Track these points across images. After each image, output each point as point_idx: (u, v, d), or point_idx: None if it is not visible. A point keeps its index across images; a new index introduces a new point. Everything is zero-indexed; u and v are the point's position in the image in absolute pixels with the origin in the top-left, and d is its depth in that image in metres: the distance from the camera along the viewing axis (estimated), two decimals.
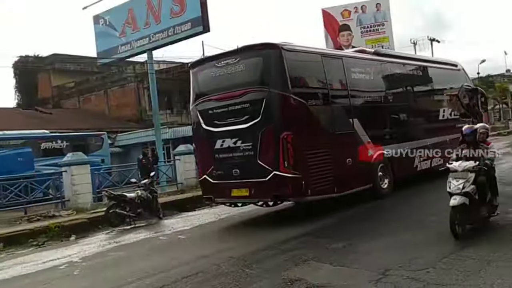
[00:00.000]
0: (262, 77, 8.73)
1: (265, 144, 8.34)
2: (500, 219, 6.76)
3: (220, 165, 9.03)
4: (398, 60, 12.69)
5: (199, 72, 9.90)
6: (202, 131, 9.48)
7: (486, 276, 4.66)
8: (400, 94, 12.08)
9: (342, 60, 10.27)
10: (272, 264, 6.00)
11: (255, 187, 8.53)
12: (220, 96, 9.07)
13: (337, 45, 35.83)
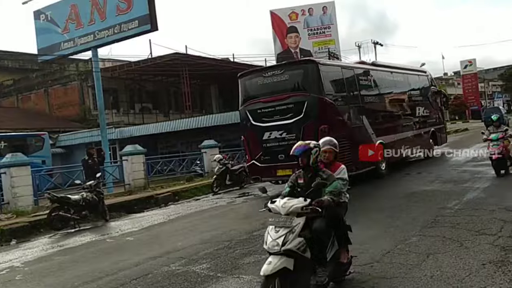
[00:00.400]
0: (303, 84, 11.41)
1: (307, 134, 10.19)
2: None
3: (267, 152, 11.55)
4: (388, 69, 15.48)
5: (247, 81, 12.53)
6: (250, 126, 12.02)
7: (427, 269, 4.92)
8: (391, 96, 14.90)
9: (354, 71, 13.18)
10: (224, 262, 6.03)
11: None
12: (268, 99, 11.62)
13: (285, 47, 36.45)
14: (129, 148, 15.90)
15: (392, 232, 6.63)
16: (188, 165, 19.38)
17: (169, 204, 13.19)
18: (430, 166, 14.60)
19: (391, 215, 7.84)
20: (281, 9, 37.43)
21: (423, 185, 10.93)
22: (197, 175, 18.24)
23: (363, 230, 6.98)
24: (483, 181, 10.47)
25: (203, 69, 30.52)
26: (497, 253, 5.15)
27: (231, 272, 5.61)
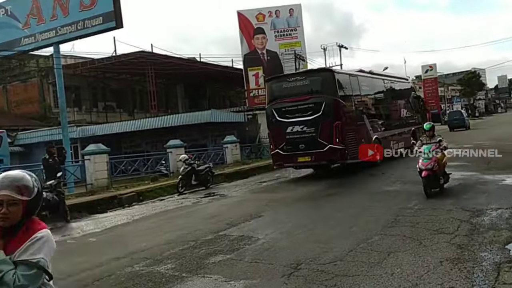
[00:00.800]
0: (321, 88, 13.85)
1: (324, 129, 13.17)
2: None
3: (290, 142, 13.81)
4: (381, 77, 18.72)
5: (273, 84, 15.31)
6: (275, 121, 14.33)
7: (387, 266, 5.06)
8: (382, 99, 17.75)
9: (357, 78, 15.74)
10: (189, 262, 6.00)
11: (315, 155, 13.44)
12: (291, 99, 14.02)
13: (252, 48, 36.47)
14: (91, 147, 15.56)
15: (355, 231, 6.78)
16: (153, 165, 19.14)
17: (133, 204, 12.99)
18: (393, 168, 14.98)
19: (355, 214, 8.01)
20: (248, 10, 37.47)
21: (385, 185, 11.22)
22: (162, 175, 18.05)
23: (328, 230, 7.15)
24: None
25: (169, 68, 30.23)
26: (454, 251, 5.36)
27: (196, 272, 5.59)
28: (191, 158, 15.36)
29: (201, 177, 15.00)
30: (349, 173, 13.97)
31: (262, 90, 34.65)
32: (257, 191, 13.41)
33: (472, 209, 7.46)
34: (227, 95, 38.37)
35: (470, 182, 10.43)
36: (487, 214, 7.10)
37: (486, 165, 12.85)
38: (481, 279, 4.45)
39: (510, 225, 6.31)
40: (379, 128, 16.15)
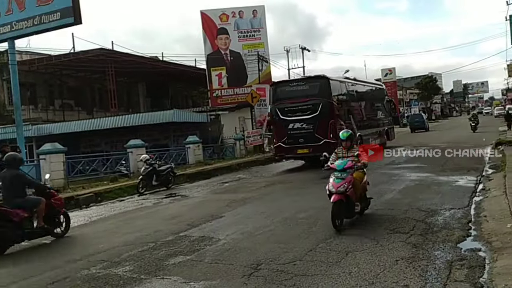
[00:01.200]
0: (319, 92, 16.36)
1: (320, 126, 15.83)
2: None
3: (290, 137, 16.42)
4: (362, 83, 22.23)
5: (278, 88, 17.71)
6: (278, 119, 16.89)
7: (345, 266, 5.16)
8: (364, 102, 20.81)
9: (346, 84, 18.92)
10: (148, 264, 5.91)
11: (313, 147, 15.70)
12: (293, 101, 16.58)
13: (215, 48, 36.36)
14: (47, 146, 15.02)
15: (314, 231, 6.87)
16: (113, 165, 18.71)
17: (91, 205, 12.66)
18: None
19: (315, 215, 8.10)
20: (211, 10, 37.32)
21: None
22: (122, 175, 17.66)
23: (288, 230, 7.20)
24: (399, 183, 11.16)
25: (130, 67, 29.68)
26: (409, 250, 5.52)
27: (155, 273, 5.51)
28: (152, 158, 15.13)
29: (162, 178, 14.79)
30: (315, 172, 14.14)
31: (225, 91, 34.69)
32: (219, 191, 13.37)
33: (427, 209, 7.72)
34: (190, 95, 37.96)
35: (426, 183, 10.78)
36: (441, 214, 7.36)
37: (440, 166, 13.34)
38: (434, 277, 4.61)
39: (462, 225, 6.57)
40: (360, 127, 18.69)
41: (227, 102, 33.57)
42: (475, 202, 8.20)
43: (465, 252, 5.35)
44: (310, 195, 10.52)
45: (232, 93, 34.34)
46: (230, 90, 34.78)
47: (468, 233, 6.15)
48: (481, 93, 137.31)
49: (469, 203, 8.08)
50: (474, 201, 8.25)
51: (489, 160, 14.26)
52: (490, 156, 15.12)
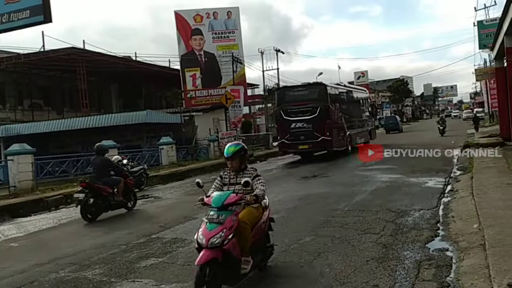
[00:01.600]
0: (317, 97, 19.11)
1: (318, 125, 18.55)
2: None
3: (293, 135, 19.15)
4: (351, 88, 25.58)
5: (282, 93, 20.93)
6: (282, 119, 19.71)
7: (317, 266, 5.20)
8: (352, 105, 23.47)
9: (338, 90, 21.64)
10: (118, 266, 5.82)
11: (312, 144, 18.85)
12: (295, 104, 19.36)
13: (189, 48, 36.17)
14: (15, 147, 14.59)
15: (287, 232, 6.89)
16: (83, 166, 18.33)
17: (60, 207, 12.39)
18: (325, 170, 15.50)
19: (287, 216, 8.15)
20: (186, 11, 37.12)
21: (317, 188, 11.54)
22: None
23: None
24: (370, 184, 11.32)
25: (102, 66, 29.20)
26: (379, 250, 5.61)
27: (126, 276, 5.44)
28: (125, 159, 14.91)
29: (135, 179, 14.57)
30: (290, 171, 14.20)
31: (199, 92, 34.52)
32: (192, 193, 13.23)
33: (397, 210, 7.86)
34: (164, 96, 37.63)
35: (396, 185, 10.97)
36: (410, 214, 7.51)
37: (411, 168, 13.61)
38: (403, 277, 4.70)
39: (430, 225, 6.72)
40: (350, 127, 21.70)
41: (201, 103, 33.45)
42: (444, 203, 8.39)
43: (433, 252, 5.46)
44: (283, 195, 10.56)
45: (207, 94, 34.24)
46: (204, 91, 34.67)
47: (436, 233, 6.29)
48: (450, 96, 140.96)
49: (438, 204, 8.26)
50: (443, 202, 8.44)
51: (457, 162, 14.64)
52: (458, 158, 15.54)
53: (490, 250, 4.83)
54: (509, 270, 4.16)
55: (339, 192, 10.45)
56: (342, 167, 16.34)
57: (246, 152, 5.12)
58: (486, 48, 31.10)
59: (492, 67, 28.17)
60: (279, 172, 16.47)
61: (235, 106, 29.85)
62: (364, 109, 26.02)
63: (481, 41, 32.98)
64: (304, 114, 19.04)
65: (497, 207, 6.72)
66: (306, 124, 18.93)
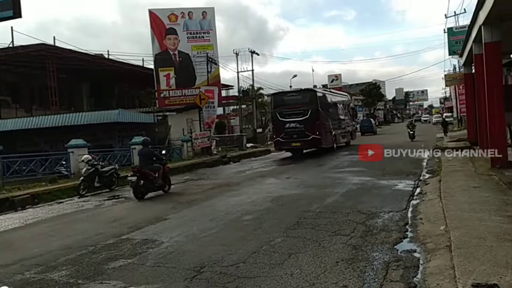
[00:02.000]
0: (308, 101, 21.75)
1: (309, 126, 21.01)
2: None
3: (287, 134, 21.67)
4: (336, 93, 29.51)
5: (277, 97, 23.75)
6: (277, 120, 22.39)
7: (288, 267, 5.22)
8: (336, 108, 26.49)
9: (325, 94, 24.97)
10: (86, 268, 5.70)
11: (304, 142, 21.28)
12: (289, 107, 22.08)
13: (163, 48, 35.80)
14: None
15: (259, 233, 6.91)
16: (52, 166, 17.90)
17: (27, 207, 12.06)
18: (297, 172, 15.61)
19: (259, 217, 8.17)
20: (160, 9, 36.72)
21: (290, 189, 11.60)
22: (62, 176, 16.95)
23: (233, 232, 7.20)
24: (342, 186, 11.45)
25: (73, 64, 28.57)
26: (349, 252, 5.67)
27: (93, 278, 5.33)
28: (95, 159, 14.65)
29: (105, 179, 14.36)
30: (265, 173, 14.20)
31: (173, 92, 34.22)
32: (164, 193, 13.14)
33: (367, 212, 7.97)
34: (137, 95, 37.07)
35: (367, 187, 11.13)
36: (380, 216, 7.62)
37: (381, 171, 13.84)
38: (372, 278, 4.76)
39: (399, 227, 6.84)
40: (335, 128, 24.60)
41: (175, 103, 33.15)
42: (412, 205, 8.54)
43: (401, 253, 5.56)
44: (256, 196, 10.58)
45: (180, 94, 33.97)
46: (178, 91, 34.38)
47: (405, 235, 6.40)
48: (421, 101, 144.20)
49: (407, 206, 8.41)
50: (412, 204, 8.59)
51: (427, 165, 14.98)
52: (427, 162, 15.90)
53: (455, 251, 4.95)
54: (474, 271, 4.27)
55: (311, 194, 10.54)
56: (315, 169, 16.48)
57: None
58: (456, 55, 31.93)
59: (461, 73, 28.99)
60: (252, 174, 16.47)
61: (209, 106, 29.67)
62: (346, 113, 29.03)
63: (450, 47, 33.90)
64: (296, 116, 21.71)
65: (463, 210, 6.90)
66: (299, 124, 21.54)
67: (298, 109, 21.75)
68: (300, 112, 21.62)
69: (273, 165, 19.29)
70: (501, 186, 8.82)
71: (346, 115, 28.83)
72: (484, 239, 5.24)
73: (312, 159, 20.48)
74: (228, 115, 52.53)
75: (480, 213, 6.56)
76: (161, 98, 33.52)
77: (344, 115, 28.25)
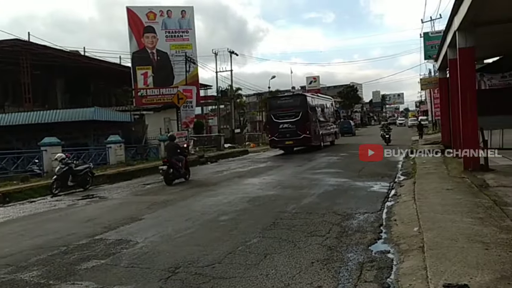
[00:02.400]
0: (299, 104, 24.93)
1: (300, 126, 24.09)
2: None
3: (280, 133, 24.45)
4: (322, 97, 32.39)
5: (272, 101, 28.00)
6: (273, 121, 25.22)
7: (263, 268, 5.22)
8: (323, 110, 29.18)
9: (313, 98, 28.04)
10: (58, 268, 5.58)
11: (296, 140, 24.42)
12: (283, 110, 25.00)
13: (141, 46, 35.42)
14: None
15: (235, 234, 6.88)
16: (24, 164, 17.50)
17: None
18: (275, 173, 15.65)
19: (235, 218, 8.14)
20: (138, 7, 36.32)
21: (266, 190, 11.60)
22: (34, 175, 16.58)
23: (209, 233, 7.15)
24: (318, 187, 11.52)
25: (48, 60, 28.00)
26: (324, 252, 5.70)
27: (65, 278, 5.22)
28: (69, 158, 14.38)
29: (79, 178, 14.11)
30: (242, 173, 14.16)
31: (151, 91, 33.87)
32: (140, 193, 13.00)
33: (343, 213, 8.04)
34: (113, 93, 36.62)
35: (343, 188, 11.22)
36: (355, 218, 7.69)
37: (358, 172, 13.99)
38: (346, 278, 4.79)
39: (374, 228, 6.91)
40: (322, 128, 27.57)
41: (152, 102, 32.80)
42: (387, 206, 8.64)
43: (376, 254, 5.62)
44: (232, 197, 10.56)
45: (158, 93, 33.64)
46: (156, 90, 34.05)
47: (379, 236, 6.47)
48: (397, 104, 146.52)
49: (382, 208, 8.51)
50: (386, 206, 8.70)
51: (402, 168, 15.21)
52: (402, 164, 16.15)
53: (428, 252, 5.02)
54: (445, 272, 4.34)
55: (288, 194, 10.57)
56: (293, 169, 16.53)
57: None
58: (431, 59, 32.52)
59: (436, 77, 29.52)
60: (229, 174, 16.43)
61: (187, 106, 29.50)
62: (331, 115, 32.32)
63: (426, 52, 34.56)
64: (289, 118, 24.67)
65: (436, 211, 7.02)
66: (291, 125, 24.53)
67: (290, 112, 24.67)
68: (293, 114, 24.56)
69: (250, 166, 19.29)
70: (473, 189, 9.01)
71: (331, 117, 31.92)
72: (456, 240, 5.34)
73: (291, 160, 20.55)
74: (206, 115, 52.35)
75: (453, 215, 6.68)
76: (138, 96, 33.14)
77: (330, 117, 31.31)
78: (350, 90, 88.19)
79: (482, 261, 4.53)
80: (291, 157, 21.64)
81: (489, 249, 4.90)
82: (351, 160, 18.08)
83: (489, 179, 10.04)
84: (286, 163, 19.30)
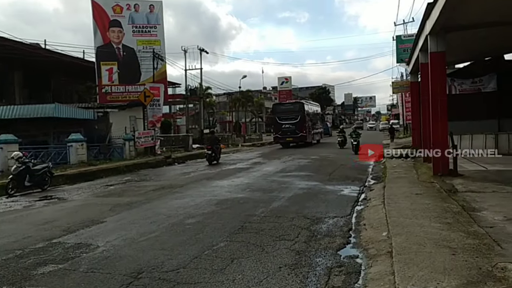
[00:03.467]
0: (298, 109, 34.68)
1: (299, 126, 33.61)
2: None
3: (283, 131, 34.11)
4: (313, 103, 44.77)
5: (276, 107, 37.56)
6: (277, 122, 34.97)
7: (230, 273, 5.07)
8: (313, 115, 38.28)
9: (308, 104, 38.88)
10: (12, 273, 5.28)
11: (294, 138, 33.55)
12: (285, 113, 34.64)
13: (106, 41, 34.54)
14: None
15: (201, 238, 6.70)
16: None
17: None
18: (244, 175, 15.50)
19: (202, 221, 7.95)
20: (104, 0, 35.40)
21: (235, 192, 11.44)
22: None
23: (174, 236, 6.94)
24: (288, 191, 11.42)
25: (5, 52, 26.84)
26: (293, 257, 5.61)
27: (20, 284, 4.95)
28: (26, 156, 13.79)
29: (37, 178, 13.54)
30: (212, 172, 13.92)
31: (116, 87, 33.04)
32: (102, 194, 12.55)
33: (312, 217, 7.98)
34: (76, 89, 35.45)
35: (313, 192, 11.17)
36: (325, 222, 7.64)
37: (328, 176, 14.03)
38: (314, 283, 4.71)
39: (343, 232, 6.88)
40: (312, 129, 35.99)
41: (118, 99, 31.95)
42: (357, 211, 8.66)
43: (344, 259, 5.57)
44: (200, 199, 10.35)
45: (124, 91, 32.79)
46: (121, 87, 33.16)
47: (348, 240, 6.44)
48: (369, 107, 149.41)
49: (351, 212, 8.52)
50: (356, 210, 8.71)
51: (372, 171, 15.35)
52: (373, 168, 16.32)
53: (396, 257, 5.00)
54: (413, 277, 4.31)
55: (257, 197, 10.45)
56: (263, 172, 16.42)
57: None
58: (403, 62, 32.78)
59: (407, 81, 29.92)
60: (197, 176, 16.17)
61: (154, 104, 28.94)
62: (319, 118, 42.00)
63: (398, 55, 35.01)
64: (290, 120, 33.40)
65: (405, 216, 7.05)
66: (291, 125, 33.28)
67: (291, 115, 33.58)
68: (293, 117, 33.44)
69: (219, 167, 19.07)
70: (441, 194, 9.14)
71: (319, 120, 41.85)
72: (424, 245, 5.34)
73: (264, 163, 20.45)
74: (174, 114, 51.61)
75: (421, 219, 6.72)
76: (102, 93, 32.24)
77: (318, 120, 40.96)
78: (322, 92, 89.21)
79: (449, 267, 4.54)
80: (266, 158, 21.52)
81: (456, 254, 4.93)
82: (322, 163, 18.15)
83: (458, 184, 10.23)
84: (256, 165, 19.15)
